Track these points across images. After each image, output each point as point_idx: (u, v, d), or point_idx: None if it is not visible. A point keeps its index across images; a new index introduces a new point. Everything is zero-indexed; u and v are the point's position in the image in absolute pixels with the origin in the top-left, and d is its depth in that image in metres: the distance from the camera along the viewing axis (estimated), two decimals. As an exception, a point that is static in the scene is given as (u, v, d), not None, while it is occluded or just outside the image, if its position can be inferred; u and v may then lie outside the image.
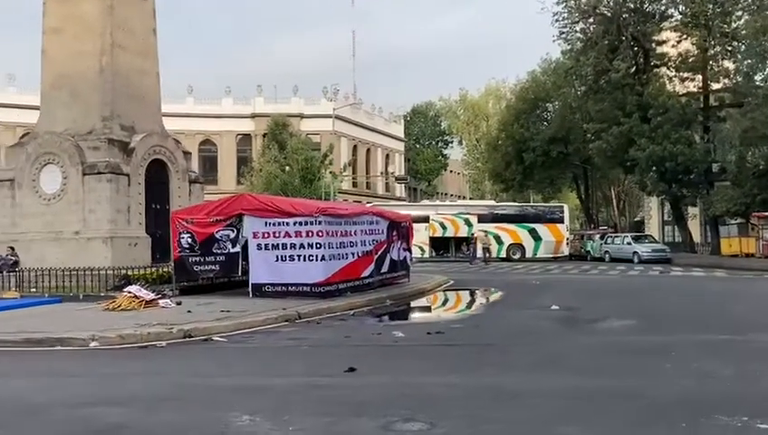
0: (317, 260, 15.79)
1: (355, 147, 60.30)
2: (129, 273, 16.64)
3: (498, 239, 39.87)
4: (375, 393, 7.02)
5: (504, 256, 39.74)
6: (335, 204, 21.38)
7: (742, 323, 11.74)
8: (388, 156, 66.32)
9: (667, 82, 38.49)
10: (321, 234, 15.83)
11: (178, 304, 14.86)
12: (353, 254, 17.30)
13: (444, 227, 40.80)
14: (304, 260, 15.84)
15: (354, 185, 59.71)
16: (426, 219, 40.92)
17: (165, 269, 17.62)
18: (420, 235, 40.70)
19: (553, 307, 14.36)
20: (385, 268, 19.13)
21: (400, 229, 20.43)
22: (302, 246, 15.85)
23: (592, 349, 9.49)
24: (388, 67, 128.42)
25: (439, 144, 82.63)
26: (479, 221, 40.51)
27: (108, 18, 19.27)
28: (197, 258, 16.79)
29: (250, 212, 16.33)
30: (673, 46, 38.22)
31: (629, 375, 7.72)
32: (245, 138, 56.76)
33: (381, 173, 59.65)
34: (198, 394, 7.18)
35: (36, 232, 18.75)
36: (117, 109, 19.44)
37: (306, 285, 15.77)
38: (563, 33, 40.95)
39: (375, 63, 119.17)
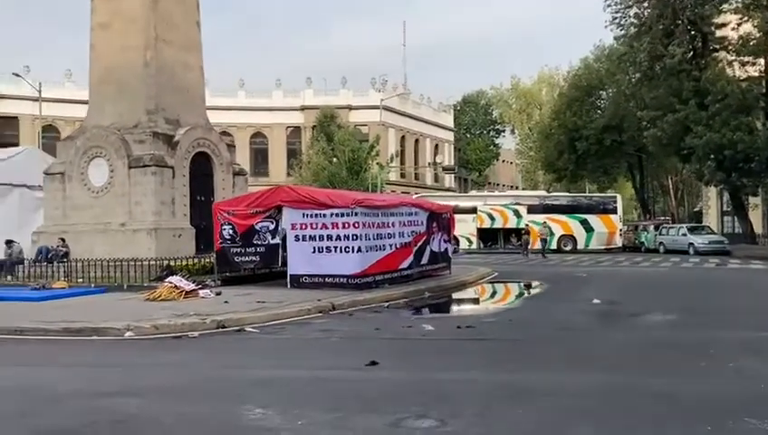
0: (353, 252, 15.75)
1: (403, 137, 60.11)
2: (172, 263, 16.93)
3: (549, 231, 39.11)
4: (392, 388, 6.92)
5: (555, 247, 38.91)
6: (372, 195, 21.30)
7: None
8: (437, 146, 65.88)
9: (727, 66, 36.94)
10: (357, 225, 15.78)
11: (218, 294, 15.05)
12: (391, 245, 17.20)
13: (492, 219, 40.32)
14: (341, 252, 15.82)
15: (402, 176, 59.58)
16: (473, 210, 40.57)
17: (208, 260, 17.89)
18: (468, 226, 40.41)
19: (595, 301, 13.97)
20: (425, 260, 18.96)
21: (441, 220, 20.20)
22: (338, 237, 15.84)
23: (627, 345, 9.15)
24: (439, 57, 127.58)
25: (491, 133, 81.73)
26: (529, 212, 39.87)
27: (151, 12, 19.59)
28: (238, 249, 16.99)
29: (288, 204, 16.41)
30: (733, 29, 36.59)
31: (661, 373, 7.39)
32: (295, 130, 57.22)
33: (429, 164, 59.28)
34: (218, 386, 7.21)
35: (85, 224, 19.27)
36: (161, 102, 19.79)
37: (343, 276, 15.77)
38: (616, 18, 39.81)
39: (427, 53, 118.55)
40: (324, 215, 15.99)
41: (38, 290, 16.07)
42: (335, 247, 15.90)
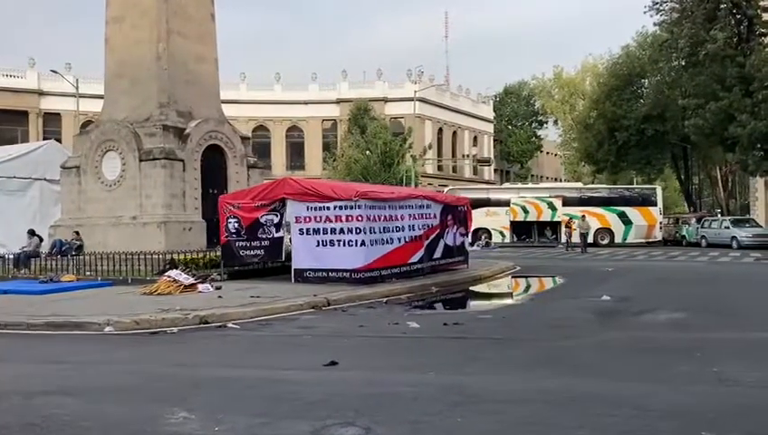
0: (357, 245, 15.34)
1: (440, 129, 59.37)
2: (176, 257, 16.78)
3: (587, 224, 37.83)
4: (337, 391, 6.47)
5: (592, 241, 37.69)
6: (379, 187, 20.78)
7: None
8: (475, 138, 64.94)
9: (773, 51, 35.13)
10: (360, 218, 15.36)
11: (218, 288, 14.82)
12: (399, 239, 16.73)
13: (526, 211, 39.33)
14: (344, 245, 15.44)
15: (439, 169, 58.87)
16: (507, 203, 39.69)
17: (216, 254, 17.70)
18: (501, 219, 39.60)
19: (605, 297, 13.26)
20: (438, 254, 18.43)
21: (456, 213, 19.61)
22: (342, 230, 15.46)
23: (613, 346, 8.50)
24: (482, 48, 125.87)
25: (533, 125, 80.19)
26: (564, 205, 38.73)
27: (163, 5, 19.47)
28: (244, 243, 16.75)
29: (292, 196, 16.09)
30: (780, 12, 34.84)
31: (636, 378, 6.76)
32: (331, 123, 57.08)
33: (464, 156, 58.39)
34: (162, 386, 6.89)
35: (99, 217, 19.33)
36: (174, 95, 19.69)
37: (346, 270, 15.38)
38: (657, 2, 38.35)
39: (470, 44, 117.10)
40: (328, 208, 15.62)
41: (45, 283, 16.15)
42: (339, 241, 15.52)
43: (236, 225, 16.79)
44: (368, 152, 43.55)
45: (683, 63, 39.62)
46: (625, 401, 5.89)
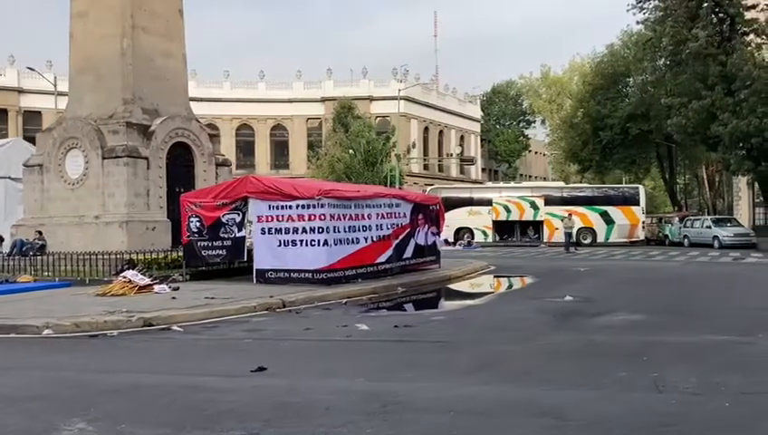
0: (319, 245, 14.99)
1: (426, 128, 59.04)
2: (136, 257, 16.39)
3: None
4: (253, 400, 6.13)
5: (574, 240, 37.41)
6: (341, 185, 20.46)
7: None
8: (462, 137, 64.68)
9: (755, 50, 34.95)
10: (323, 217, 15.01)
11: (176, 289, 14.43)
12: (366, 238, 16.39)
13: (508, 211, 39.11)
14: (307, 245, 15.09)
15: (425, 168, 58.54)
16: (489, 202, 39.46)
17: (179, 254, 17.31)
18: (483, 218, 39.36)
19: (567, 298, 12.99)
20: (408, 254, 18.11)
21: (428, 212, 19.28)
22: (304, 230, 15.11)
23: (560, 350, 8.17)
24: (472, 48, 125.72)
25: (521, 124, 79.96)
26: (546, 204, 38.55)
27: (128, 0, 19.06)
28: (206, 243, 16.37)
29: (254, 195, 15.72)
30: (762, 10, 34.60)
31: (570, 385, 6.44)
32: (316, 122, 56.67)
33: (449, 155, 58.08)
34: (70, 394, 6.51)
35: (62, 216, 18.90)
36: (139, 92, 19.27)
37: (308, 271, 15.03)
38: (640, 0, 38.09)
39: (460, 44, 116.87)
40: (290, 207, 15.26)
41: (0, 284, 15.74)
42: (301, 241, 15.16)
43: (198, 224, 16.42)
44: (351, 151, 43.18)
45: (667, 62, 39.41)
46: (549, 410, 5.58)
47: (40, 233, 18.84)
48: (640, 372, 6.83)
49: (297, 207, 15.16)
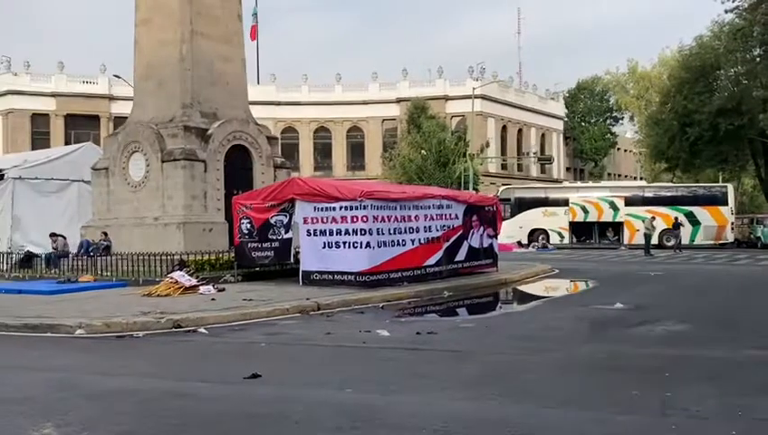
0: (361, 247, 14.79)
1: (504, 127, 57.83)
2: (190, 258, 16.68)
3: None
4: (229, 409, 5.96)
5: (657, 242, 35.60)
6: (387, 186, 20.10)
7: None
8: (543, 135, 62.97)
9: None
10: (365, 219, 14.80)
11: (221, 290, 14.61)
12: (413, 240, 16.06)
13: (585, 211, 37.69)
14: (349, 247, 14.93)
15: (503, 167, 57.38)
16: (565, 202, 38.16)
17: (232, 255, 17.52)
18: (559, 219, 38.08)
19: (617, 305, 12.21)
20: (461, 256, 17.63)
21: (483, 214, 18.69)
22: (347, 232, 14.96)
23: (579, 363, 7.58)
24: (556, 45, 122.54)
25: (607, 121, 77.12)
26: (626, 204, 36.94)
27: (187, 6, 19.48)
28: (255, 244, 16.50)
29: (300, 197, 15.70)
30: None
31: (568, 403, 5.91)
32: (391, 123, 56.61)
33: (526, 153, 56.64)
34: (58, 397, 6.52)
35: (125, 218, 19.55)
36: (198, 96, 19.67)
37: (351, 273, 14.87)
38: (728, -13, 35.82)
39: (544, 41, 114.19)
40: (333, 208, 15.15)
41: (62, 283, 16.39)
42: (344, 243, 15.03)
43: (249, 226, 16.57)
44: (423, 151, 42.81)
45: (760, 53, 36.90)
46: (521, 432, 5.11)
47: (105, 234, 19.53)
48: (655, 390, 6.20)
49: (340, 208, 15.02)
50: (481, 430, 5.29)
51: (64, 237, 19.90)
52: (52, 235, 19.79)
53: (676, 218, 34.13)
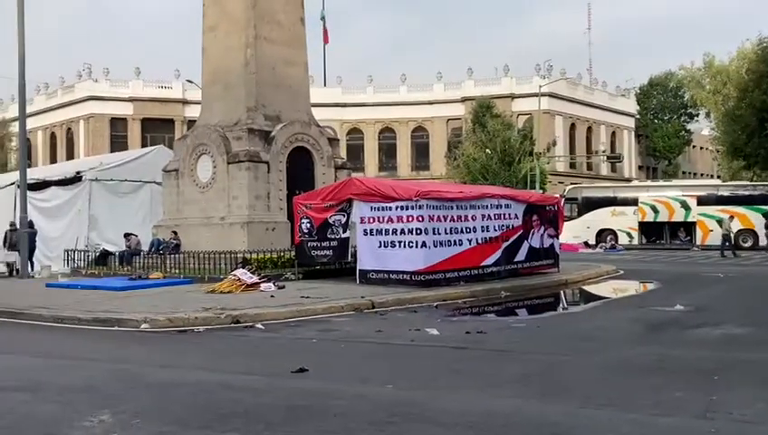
0: (417, 247, 14.90)
1: (573, 125, 56.79)
2: (252, 256, 17.18)
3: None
4: (273, 402, 6.20)
5: (732, 243, 34.14)
6: (445, 186, 20.07)
7: None
8: (614, 133, 61.45)
9: None
10: (421, 218, 14.91)
11: (281, 287, 15.00)
12: (470, 240, 16.06)
13: (656, 211, 36.53)
14: (405, 246, 15.07)
15: (572, 166, 56.34)
16: (634, 202, 37.14)
17: (293, 254, 17.94)
18: (628, 219, 37.09)
19: (677, 307, 11.89)
20: (521, 257, 17.50)
21: (543, 213, 18.48)
22: (402, 231, 15.11)
23: (627, 364, 7.47)
24: (626, 41, 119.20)
25: (682, 118, 74.54)
26: (699, 204, 35.60)
27: (251, 12, 20.06)
28: (314, 243, 16.84)
29: (357, 197, 15.95)
30: None
31: (609, 403, 5.87)
32: (456, 122, 56.46)
33: (595, 152, 55.38)
34: (114, 386, 6.87)
35: (194, 218, 20.28)
36: (262, 99, 20.22)
37: (406, 272, 15.00)
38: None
39: (614, 38, 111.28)
40: (390, 208, 15.33)
41: (133, 280, 17.17)
42: (399, 242, 15.18)
43: (308, 225, 16.93)
44: (487, 151, 42.55)
45: None
46: (558, 431, 5.13)
47: (175, 233, 20.32)
48: (700, 393, 6.09)
49: (396, 208, 15.18)
50: (517, 428, 5.33)
51: (137, 236, 20.80)
52: (126, 234, 20.72)
53: (731, 218, 32.17)
